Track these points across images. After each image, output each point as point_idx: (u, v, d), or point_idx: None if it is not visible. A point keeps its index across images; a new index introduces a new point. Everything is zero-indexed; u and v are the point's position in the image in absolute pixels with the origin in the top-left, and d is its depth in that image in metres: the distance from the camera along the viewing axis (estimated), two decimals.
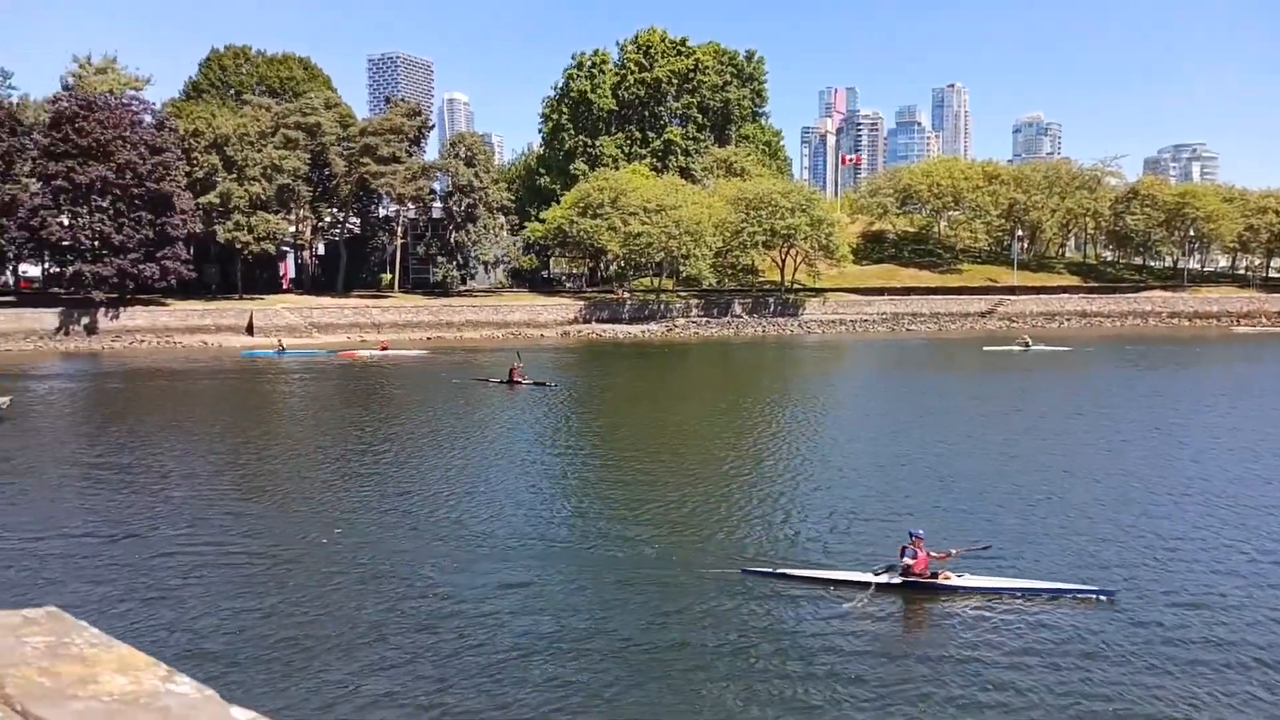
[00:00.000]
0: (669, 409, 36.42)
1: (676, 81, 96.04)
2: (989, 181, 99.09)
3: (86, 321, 65.01)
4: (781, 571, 15.21)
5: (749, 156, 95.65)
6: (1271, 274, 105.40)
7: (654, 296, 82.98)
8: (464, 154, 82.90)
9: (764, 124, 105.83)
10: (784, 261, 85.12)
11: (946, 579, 14.63)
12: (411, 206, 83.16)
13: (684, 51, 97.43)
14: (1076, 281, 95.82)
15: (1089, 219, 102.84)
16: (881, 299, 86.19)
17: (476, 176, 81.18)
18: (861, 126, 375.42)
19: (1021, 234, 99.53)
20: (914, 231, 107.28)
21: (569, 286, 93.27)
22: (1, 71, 78.34)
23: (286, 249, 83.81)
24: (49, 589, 14.61)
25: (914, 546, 14.67)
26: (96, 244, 65.96)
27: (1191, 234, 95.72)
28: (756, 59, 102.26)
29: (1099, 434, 28.77)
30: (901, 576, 14.57)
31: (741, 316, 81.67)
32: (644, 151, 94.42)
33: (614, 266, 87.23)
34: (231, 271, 76.45)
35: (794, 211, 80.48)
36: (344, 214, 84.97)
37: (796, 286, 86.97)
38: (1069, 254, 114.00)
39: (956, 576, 14.69)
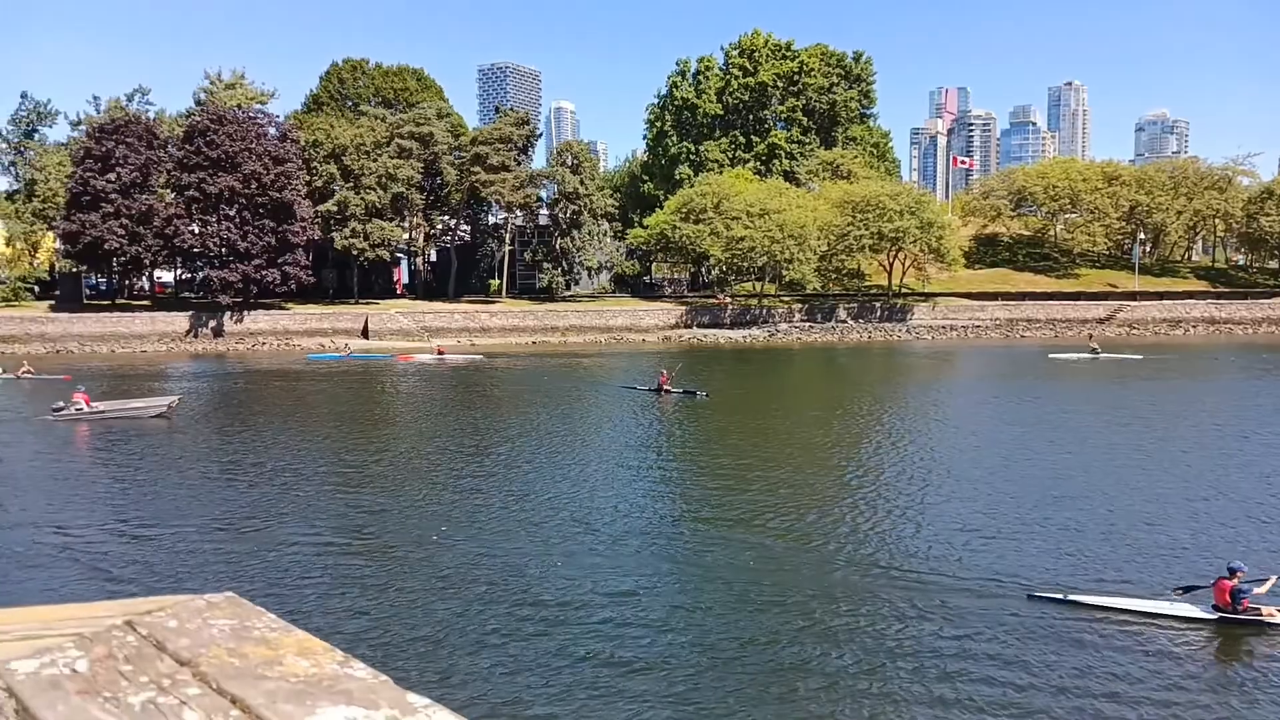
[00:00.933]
0: (794, 414, 35.78)
1: (781, 84, 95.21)
2: (1109, 182, 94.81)
3: (214, 324, 68.46)
4: (1077, 600, 13.81)
5: (856, 159, 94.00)
6: None
7: (756, 301, 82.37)
8: (570, 162, 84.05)
9: (872, 126, 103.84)
10: (892, 265, 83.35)
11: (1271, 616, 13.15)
12: (519, 214, 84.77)
13: (789, 54, 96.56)
14: (1204, 286, 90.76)
15: (1218, 221, 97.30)
16: (994, 304, 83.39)
17: (582, 184, 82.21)
18: (973, 127, 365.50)
19: (1144, 237, 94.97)
20: (1029, 235, 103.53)
21: (670, 292, 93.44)
22: (140, 89, 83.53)
23: (400, 255, 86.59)
24: (211, 575, 15.44)
25: (1236, 581, 13.26)
26: (224, 250, 69.49)
27: None
28: (864, 60, 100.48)
29: None
30: (1222, 611, 13.27)
31: (846, 321, 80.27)
32: (748, 155, 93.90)
33: (716, 271, 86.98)
34: (348, 277, 79.40)
35: (903, 214, 78.72)
36: (455, 221, 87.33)
37: (905, 291, 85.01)
38: (1196, 258, 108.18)
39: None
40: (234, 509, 20.08)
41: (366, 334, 69.25)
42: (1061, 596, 13.93)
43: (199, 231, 70.09)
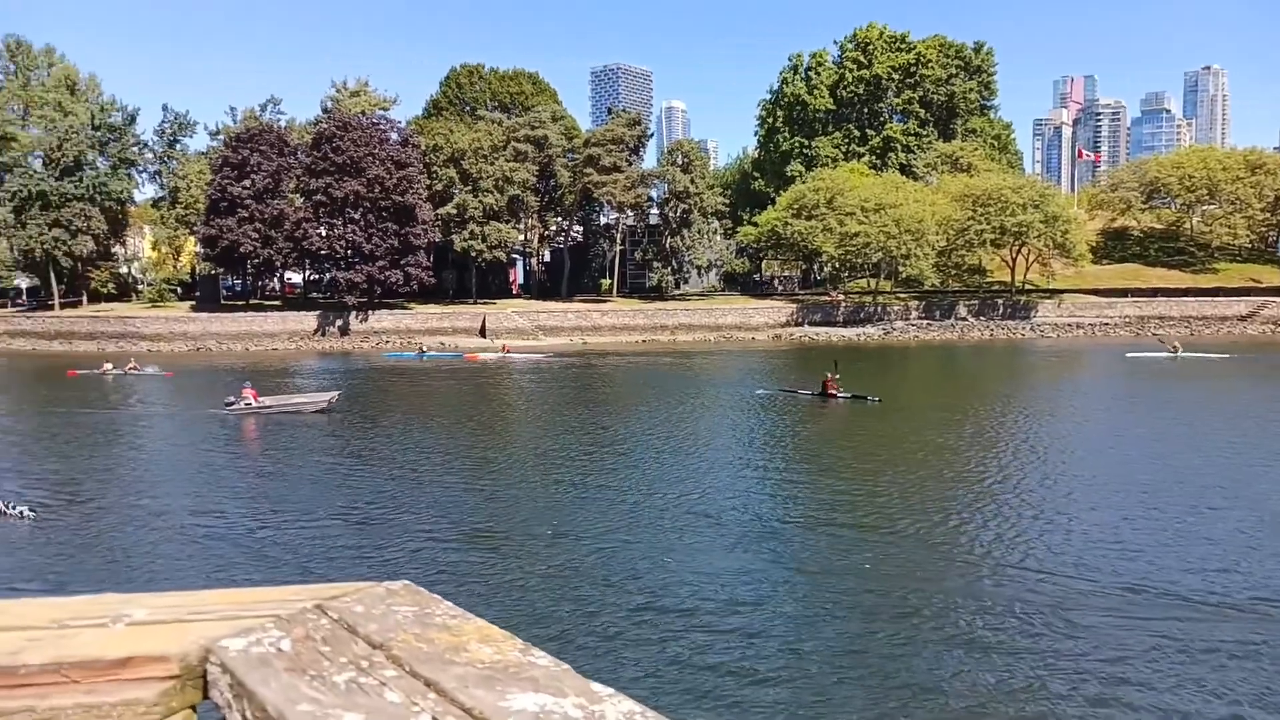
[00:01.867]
0: (920, 415, 34.55)
1: (898, 77, 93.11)
2: (1252, 172, 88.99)
3: (340, 323, 71.33)
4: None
5: (976, 151, 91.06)
6: None
7: (870, 298, 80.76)
8: (681, 161, 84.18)
9: (993, 117, 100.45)
10: (1014, 261, 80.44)
11: None
12: (630, 213, 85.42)
13: (905, 46, 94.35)
14: None
15: None
16: (1124, 301, 79.49)
17: (692, 182, 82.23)
18: (1101, 116, 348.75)
19: None
20: (1161, 228, 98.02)
21: (781, 289, 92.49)
22: (272, 99, 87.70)
23: (516, 256, 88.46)
24: (376, 564, 16.15)
25: None
26: (349, 252, 72.34)
27: None
28: (985, 50, 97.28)
29: None
30: None
31: (966, 319, 77.88)
32: (862, 150, 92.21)
33: (828, 268, 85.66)
34: (467, 278, 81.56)
35: (1026, 208, 75.87)
36: (568, 222, 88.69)
37: (1028, 287, 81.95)
38: None
39: None
40: (378, 499, 20.92)
41: (484, 333, 70.94)
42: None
43: (326, 234, 73.13)
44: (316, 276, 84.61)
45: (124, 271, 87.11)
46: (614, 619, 13.22)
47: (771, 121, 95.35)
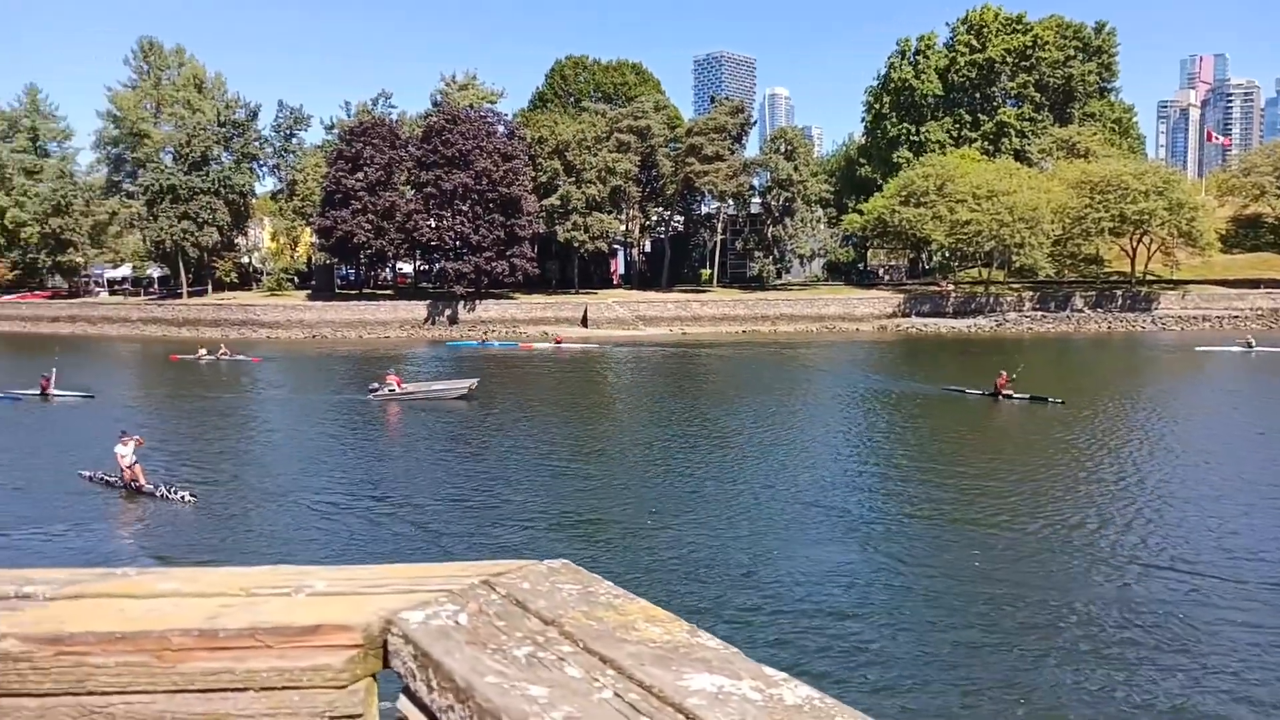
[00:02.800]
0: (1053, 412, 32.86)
1: (1012, 60, 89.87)
2: None
3: (449, 313, 73.10)
4: None
5: (1094, 136, 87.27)
6: None
7: (982, 289, 78.41)
8: (784, 148, 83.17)
9: (1113, 100, 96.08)
10: (1135, 250, 76.89)
11: None
12: (731, 202, 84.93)
13: (1020, 28, 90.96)
14: None
15: None
16: (1256, 293, 75.18)
17: (795, 170, 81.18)
18: (1233, 97, 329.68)
19: None
20: None
21: (886, 279, 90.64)
22: (383, 93, 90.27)
23: (617, 246, 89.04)
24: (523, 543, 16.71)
25: None
26: (457, 243, 74.02)
27: None
28: (1107, 30, 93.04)
29: None
30: None
31: (1083, 311, 74.92)
32: (974, 135, 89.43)
33: (937, 258, 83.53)
34: (569, 268, 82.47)
35: (1148, 195, 72.32)
36: (669, 212, 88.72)
37: (1150, 278, 78.32)
38: None
39: None
40: (502, 483, 21.51)
41: (585, 323, 71.66)
42: None
43: (435, 226, 74.91)
44: (426, 266, 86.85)
45: (245, 261, 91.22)
46: (754, 611, 13.22)
47: (878, 107, 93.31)
